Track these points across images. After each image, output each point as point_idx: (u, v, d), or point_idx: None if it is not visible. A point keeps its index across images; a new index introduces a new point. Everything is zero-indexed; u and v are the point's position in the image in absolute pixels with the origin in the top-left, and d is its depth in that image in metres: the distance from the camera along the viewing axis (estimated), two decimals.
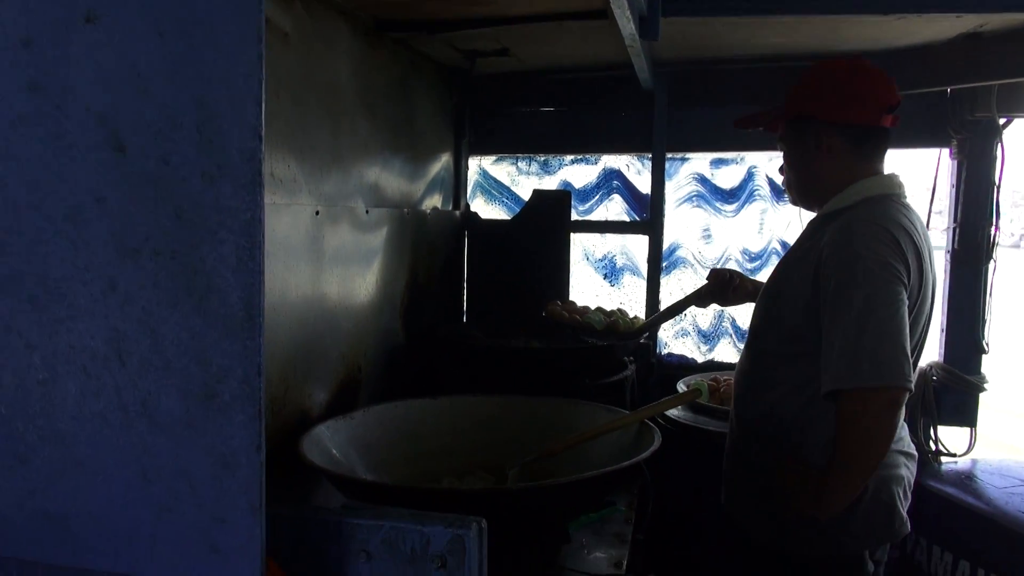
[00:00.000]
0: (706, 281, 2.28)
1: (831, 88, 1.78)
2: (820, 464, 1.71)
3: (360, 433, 1.81)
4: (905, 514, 1.79)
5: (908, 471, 1.81)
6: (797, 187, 1.89)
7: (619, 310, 2.67)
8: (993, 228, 2.65)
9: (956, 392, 2.65)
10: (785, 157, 1.90)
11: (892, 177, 1.81)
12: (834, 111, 1.76)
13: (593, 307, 2.65)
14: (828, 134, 1.77)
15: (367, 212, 2.10)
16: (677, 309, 2.40)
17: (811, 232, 1.83)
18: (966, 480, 2.37)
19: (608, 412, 1.89)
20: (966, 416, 2.66)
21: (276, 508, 0.84)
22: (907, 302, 1.61)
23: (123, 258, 0.70)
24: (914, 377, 1.66)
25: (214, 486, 0.71)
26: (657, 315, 2.59)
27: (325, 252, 1.87)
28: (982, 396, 2.64)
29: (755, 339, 1.87)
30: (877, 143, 1.81)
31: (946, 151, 2.75)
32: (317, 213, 1.80)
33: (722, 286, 2.22)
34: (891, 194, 1.76)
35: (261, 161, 0.68)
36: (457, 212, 2.99)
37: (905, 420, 1.78)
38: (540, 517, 1.56)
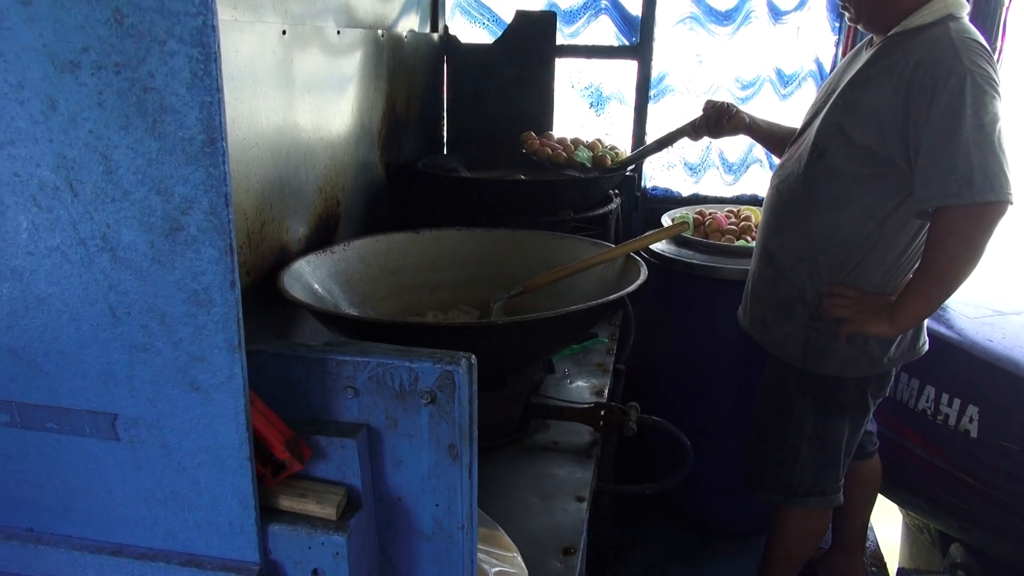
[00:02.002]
0: (701, 112, 2.19)
1: None
2: (875, 287, 1.78)
3: (341, 268, 1.77)
4: (926, 338, 1.90)
5: None
6: (871, 8, 1.75)
7: (598, 141, 2.58)
8: (1000, 41, 2.53)
9: None
10: None
11: None
12: None
13: (570, 139, 2.56)
14: None
15: (339, 33, 1.94)
16: (667, 141, 2.32)
17: (888, 49, 1.72)
18: (939, 311, 2.41)
19: (593, 246, 1.86)
20: None
21: (258, 345, 0.80)
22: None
23: (60, 73, 0.61)
24: None
25: (188, 324, 0.67)
26: (645, 147, 2.50)
27: (295, 77, 1.73)
28: None
29: (818, 158, 1.79)
30: None
31: None
32: (284, 33, 1.65)
33: (718, 116, 2.14)
34: (963, 14, 1.68)
35: None
36: (435, 35, 2.80)
37: None
38: (527, 350, 1.57)
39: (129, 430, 0.73)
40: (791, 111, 2.80)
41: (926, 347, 1.93)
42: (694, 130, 2.22)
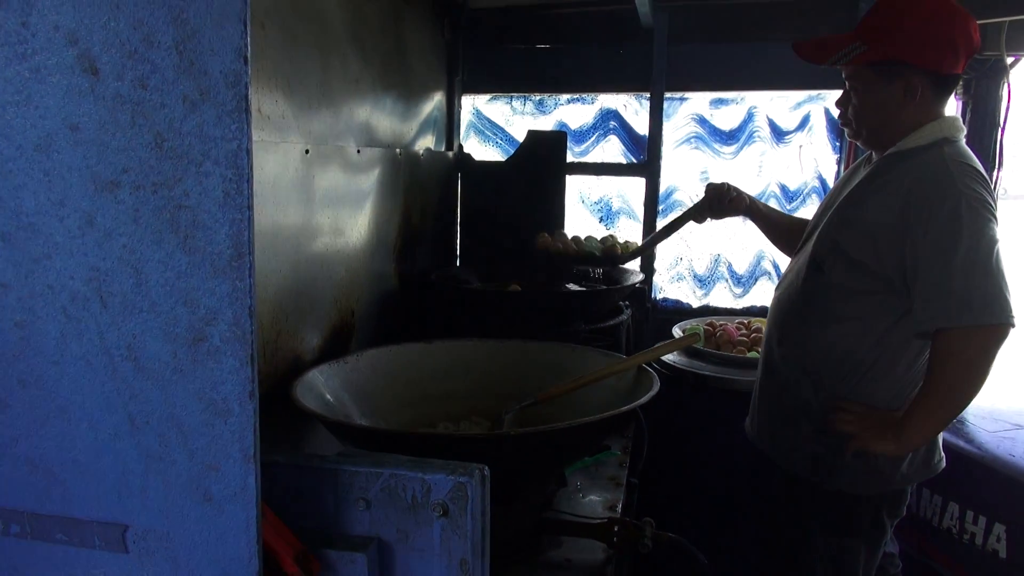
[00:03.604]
0: (703, 194, 2.24)
1: (935, 34, 1.67)
2: (880, 403, 1.75)
3: (354, 378, 1.78)
4: (943, 451, 1.85)
5: None
6: (870, 127, 1.79)
7: (611, 236, 2.63)
8: (996, 171, 2.61)
9: None
10: (857, 94, 1.78)
11: (958, 119, 1.77)
12: (933, 60, 1.68)
13: (583, 236, 2.61)
14: (920, 82, 1.69)
15: (358, 152, 2.03)
16: (674, 227, 2.33)
17: (883, 168, 1.76)
18: (958, 425, 2.37)
19: (605, 356, 1.87)
20: None
21: (271, 456, 0.81)
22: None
23: (100, 191, 0.65)
24: None
25: (206, 433, 0.68)
26: (654, 235, 2.48)
27: (316, 193, 1.81)
28: None
29: (815, 272, 1.80)
30: (953, 88, 1.77)
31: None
32: (307, 152, 1.74)
33: (719, 197, 2.18)
34: (960, 137, 1.74)
35: (247, 86, 0.63)
36: (450, 153, 2.91)
37: None
38: (537, 462, 1.55)
39: (139, 542, 0.72)
40: None
41: (943, 464, 1.87)
42: (698, 212, 2.24)
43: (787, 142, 2.90)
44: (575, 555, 1.63)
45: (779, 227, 2.18)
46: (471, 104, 3.09)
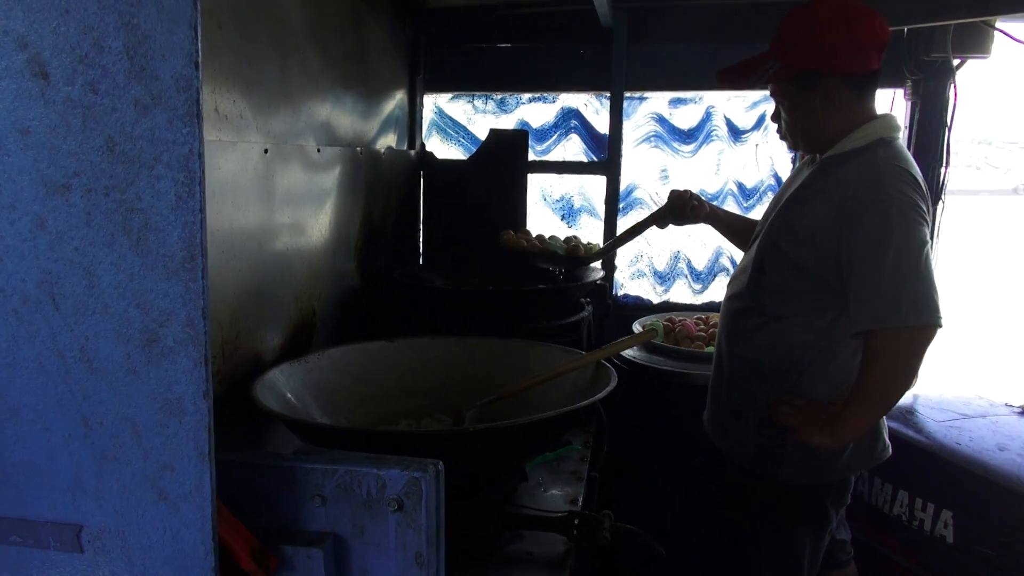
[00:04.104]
0: (665, 201, 2.28)
1: (836, 41, 1.73)
2: (821, 396, 1.79)
3: (315, 377, 1.78)
4: (888, 444, 1.90)
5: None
6: (803, 136, 1.86)
7: (575, 236, 2.67)
8: (943, 168, 2.69)
9: None
10: (784, 108, 1.85)
11: (893, 118, 1.83)
12: (841, 65, 1.74)
13: (547, 235, 2.64)
14: (836, 87, 1.75)
15: (319, 151, 2.03)
16: (636, 231, 2.37)
17: (822, 171, 1.81)
18: (907, 415, 2.45)
19: (565, 353, 1.90)
20: None
21: (227, 454, 0.82)
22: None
23: (52, 194, 0.65)
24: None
25: (160, 433, 0.69)
26: (616, 237, 2.53)
27: (276, 192, 1.81)
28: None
29: (759, 273, 1.86)
30: (875, 83, 1.82)
31: (900, 92, 2.76)
32: (266, 151, 1.73)
33: (681, 204, 2.23)
34: (896, 136, 1.79)
35: (199, 91, 0.64)
36: (412, 151, 2.92)
37: None
38: (497, 457, 1.57)
39: (94, 542, 0.73)
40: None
41: (888, 451, 1.93)
42: (660, 218, 2.29)
43: (744, 141, 2.96)
44: (536, 548, 1.65)
45: (738, 231, 2.24)
46: (433, 103, 3.10)
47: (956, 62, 2.61)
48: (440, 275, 2.66)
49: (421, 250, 2.97)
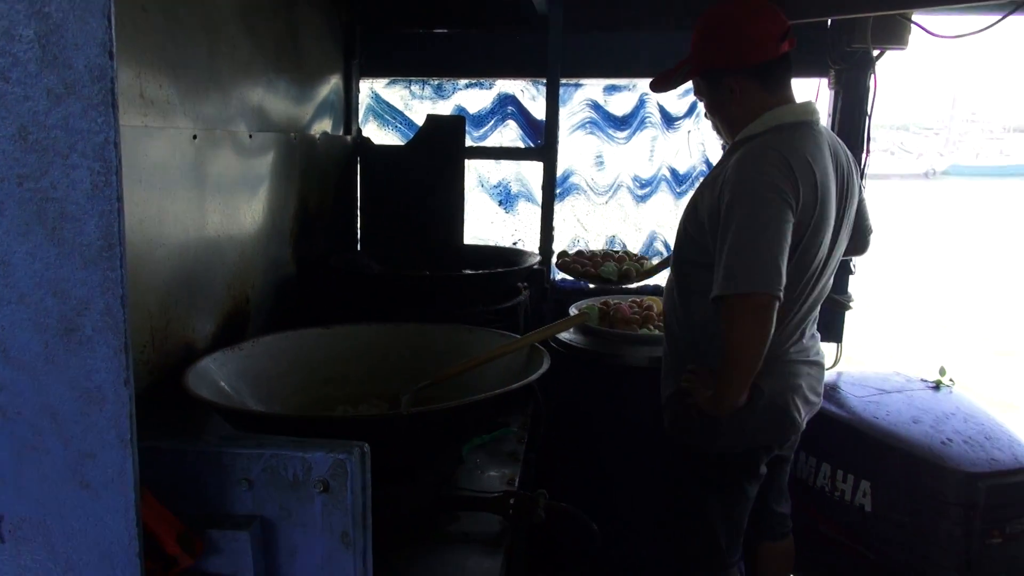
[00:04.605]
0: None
1: (728, 37, 1.90)
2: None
3: (250, 365, 1.77)
4: (800, 418, 1.99)
5: (811, 379, 2.02)
6: (722, 127, 2.03)
7: (627, 253, 2.76)
8: (864, 154, 2.80)
9: (824, 309, 2.84)
10: (703, 104, 2.04)
11: (804, 105, 1.94)
12: (736, 59, 1.89)
13: (599, 251, 2.80)
14: (737, 80, 1.89)
15: (251, 136, 2.01)
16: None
17: (725, 158, 1.98)
18: (830, 391, 2.56)
19: (501, 337, 1.93)
20: (833, 332, 2.86)
21: (152, 441, 0.82)
22: (791, 220, 1.76)
23: None
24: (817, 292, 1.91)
25: (80, 422, 0.69)
26: (665, 258, 2.72)
27: (206, 178, 1.78)
28: (848, 314, 2.84)
29: (678, 252, 2.02)
30: (781, 71, 1.93)
31: (824, 81, 2.86)
32: (195, 137, 1.71)
33: None
34: (801, 121, 1.89)
35: (113, 80, 0.64)
36: (348, 137, 2.90)
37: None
38: (432, 440, 1.60)
39: (15, 531, 0.73)
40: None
41: (797, 427, 2.01)
42: None
43: (676, 128, 3.03)
44: (472, 528, 1.69)
45: None
46: (369, 88, 3.08)
47: (876, 53, 2.72)
48: (378, 261, 2.66)
49: (359, 237, 2.96)
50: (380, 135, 3.10)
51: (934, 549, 2.17)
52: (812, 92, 2.88)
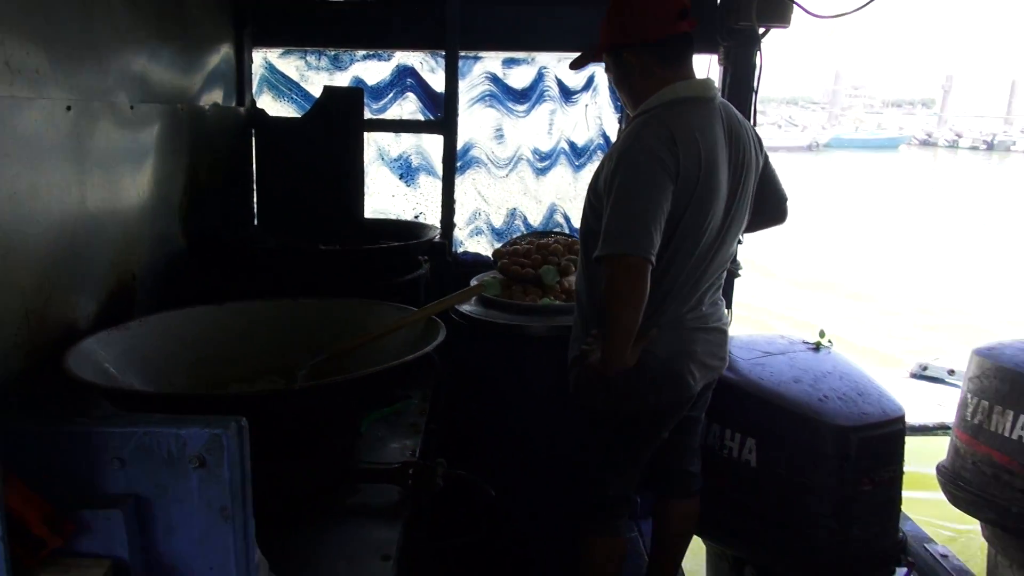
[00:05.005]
0: None
1: (627, 16, 2.00)
2: None
3: (137, 345, 1.72)
4: (694, 382, 2.09)
5: (709, 345, 2.12)
6: (626, 101, 2.12)
7: (554, 234, 2.89)
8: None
9: None
10: (612, 80, 2.14)
11: (701, 82, 2.04)
12: (634, 36, 1.99)
13: (526, 240, 2.82)
14: (637, 56, 1.99)
15: (132, 108, 1.93)
16: None
17: (622, 131, 2.13)
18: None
19: (398, 310, 1.94)
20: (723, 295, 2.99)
21: (20, 424, 0.80)
22: (668, 189, 1.86)
23: None
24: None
25: None
26: None
27: (85, 152, 1.71)
28: (736, 280, 2.97)
29: (583, 223, 2.10)
30: (680, 48, 2.02)
31: (715, 57, 2.96)
32: (69, 109, 1.63)
33: None
34: (696, 97, 1.99)
35: None
36: (241, 109, 2.82)
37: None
38: (329, 415, 1.60)
39: None
40: (584, 180, 3.08)
41: (692, 390, 2.11)
42: None
43: (574, 102, 3.08)
44: (372, 500, 1.71)
45: None
46: (263, 58, 2.99)
47: (760, 31, 2.83)
48: (275, 236, 2.61)
49: (256, 211, 2.89)
50: (275, 107, 3.02)
51: (812, 498, 2.33)
52: (705, 68, 2.97)
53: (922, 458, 3.45)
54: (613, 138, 3.07)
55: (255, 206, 2.88)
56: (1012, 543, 2.92)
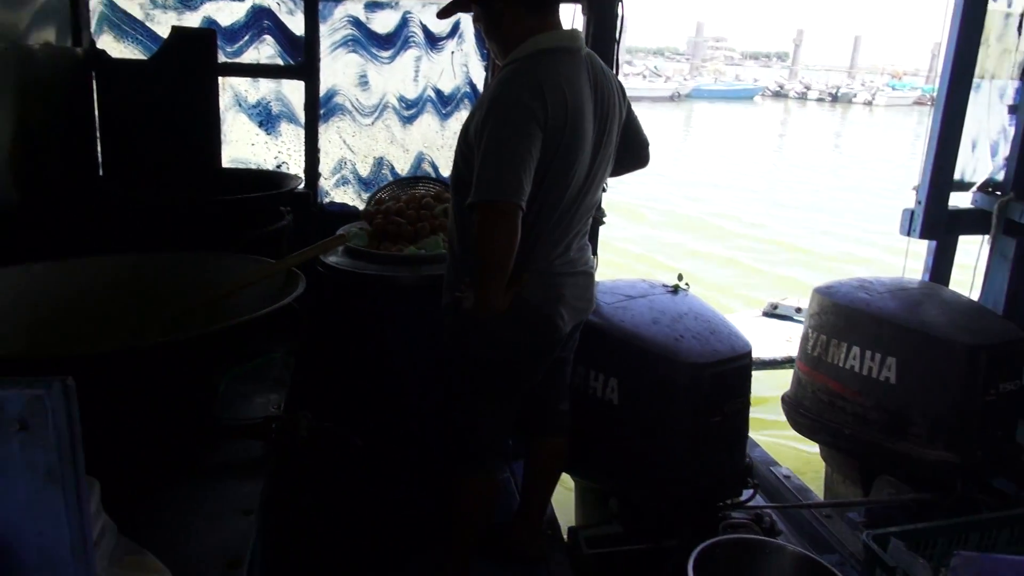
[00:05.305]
0: None
1: None
2: None
3: None
4: (563, 324, 2.16)
5: (577, 289, 2.18)
6: (495, 50, 2.11)
7: (424, 180, 2.87)
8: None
9: None
10: (482, 30, 2.13)
11: (568, 32, 2.07)
12: None
13: (391, 195, 2.77)
14: (506, 5, 1.99)
15: None
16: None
17: (491, 80, 2.11)
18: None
19: (256, 263, 1.89)
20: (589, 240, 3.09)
21: None
22: (537, 136, 1.89)
23: None
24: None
25: None
26: None
27: None
28: (601, 228, 3.07)
29: (455, 171, 2.10)
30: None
31: (579, 8, 2.99)
32: None
33: None
34: (563, 47, 2.01)
35: None
36: (79, 49, 2.60)
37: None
38: (180, 373, 1.55)
39: None
40: (452, 129, 3.07)
41: (562, 332, 2.20)
42: None
43: (440, 48, 3.04)
44: (234, 457, 1.68)
45: None
46: None
47: None
48: (123, 187, 2.46)
49: (101, 161, 2.70)
50: (118, 48, 2.81)
51: (669, 431, 2.49)
52: (568, 19, 2.99)
53: (772, 390, 3.74)
54: (480, 86, 3.07)
55: (99, 155, 2.69)
56: (845, 461, 3.24)
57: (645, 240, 11.78)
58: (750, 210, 14.73)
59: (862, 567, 2.09)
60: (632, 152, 2.31)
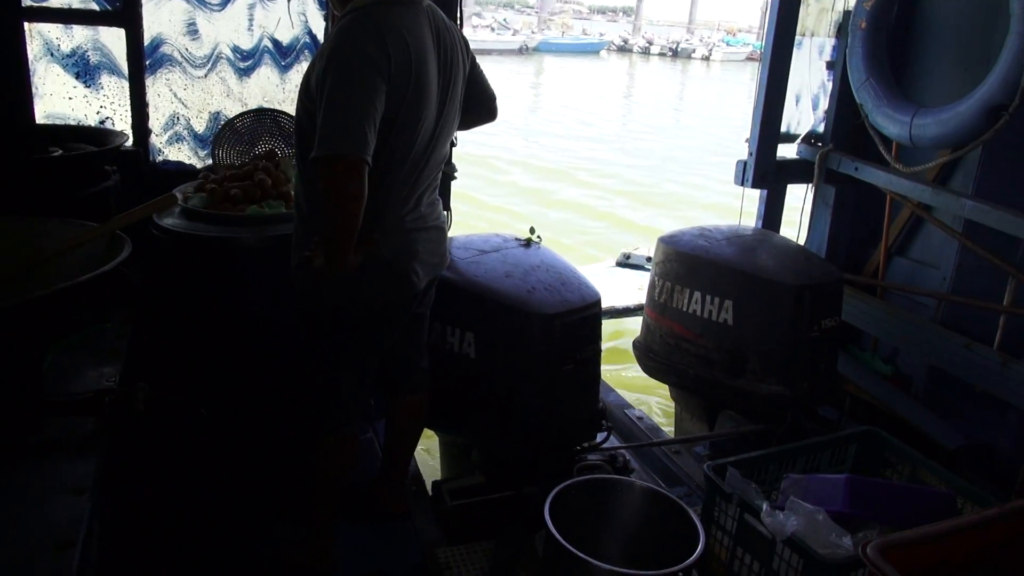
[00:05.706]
0: None
1: None
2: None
3: None
4: (418, 280, 2.15)
5: (430, 244, 2.17)
6: (336, 2, 2.05)
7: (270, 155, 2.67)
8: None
9: None
10: None
11: None
12: None
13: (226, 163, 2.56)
14: None
15: None
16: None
17: (330, 31, 2.01)
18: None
19: (78, 227, 1.74)
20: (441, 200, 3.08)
21: None
22: (382, 89, 1.85)
23: None
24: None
25: None
26: None
27: None
28: (453, 183, 3.06)
29: (297, 125, 2.02)
30: None
31: None
32: None
33: None
34: None
35: None
36: None
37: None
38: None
39: None
40: (293, 81, 2.94)
41: (416, 287, 2.18)
42: None
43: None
44: (63, 434, 1.57)
45: None
46: None
47: None
48: None
49: None
50: None
51: (523, 382, 2.54)
52: None
53: (624, 336, 3.92)
54: (321, 37, 2.94)
55: None
56: (691, 400, 3.46)
57: (499, 194, 11.90)
58: (604, 160, 15.23)
59: (704, 496, 2.24)
60: (480, 105, 2.31)
